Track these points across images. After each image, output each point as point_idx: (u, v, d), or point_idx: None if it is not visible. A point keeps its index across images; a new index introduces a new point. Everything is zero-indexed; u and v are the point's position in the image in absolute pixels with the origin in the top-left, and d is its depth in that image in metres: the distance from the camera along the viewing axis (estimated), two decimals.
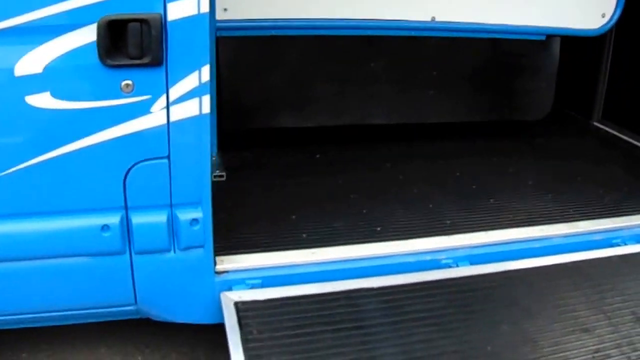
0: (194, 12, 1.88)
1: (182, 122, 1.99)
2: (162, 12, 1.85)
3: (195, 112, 1.99)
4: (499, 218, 2.80)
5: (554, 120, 4.22)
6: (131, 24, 1.84)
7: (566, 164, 3.50)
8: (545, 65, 3.81)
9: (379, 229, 2.61)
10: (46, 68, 1.84)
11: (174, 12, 1.87)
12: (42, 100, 1.86)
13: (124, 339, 2.72)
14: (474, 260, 2.51)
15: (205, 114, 2.00)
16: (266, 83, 3.38)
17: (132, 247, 2.11)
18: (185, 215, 2.12)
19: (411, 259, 2.45)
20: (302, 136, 3.52)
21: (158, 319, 2.33)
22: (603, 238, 2.74)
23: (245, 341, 1.99)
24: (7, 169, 1.93)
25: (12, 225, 2.00)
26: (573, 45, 3.99)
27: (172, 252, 2.16)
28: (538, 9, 3.53)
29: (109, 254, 2.10)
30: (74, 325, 2.39)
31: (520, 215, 2.83)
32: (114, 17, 1.82)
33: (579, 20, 3.64)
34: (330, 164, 3.28)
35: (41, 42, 1.81)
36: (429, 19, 3.34)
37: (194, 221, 2.13)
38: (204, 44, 1.92)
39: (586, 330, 2.19)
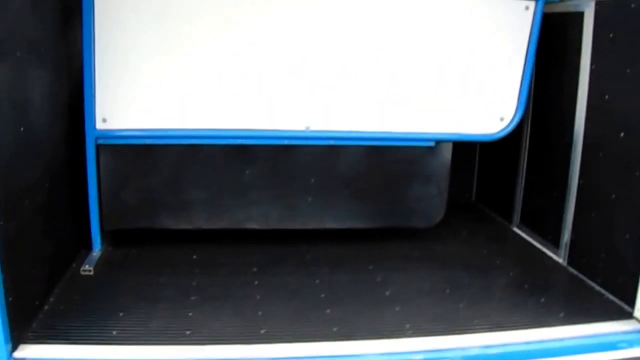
0: None
1: None
2: None
3: None
4: (313, 329, 2.91)
5: (468, 224, 4.41)
6: None
7: (450, 273, 3.62)
8: (435, 171, 4.00)
9: (188, 332, 2.83)
10: None
11: None
12: None
13: None
14: None
15: None
16: (146, 187, 3.78)
17: None
18: None
19: None
20: (184, 237, 3.89)
21: None
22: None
23: None
24: None
25: None
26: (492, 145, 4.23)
27: None
28: (426, 114, 3.81)
29: None
30: None
31: (345, 329, 2.91)
32: None
33: (474, 124, 3.89)
34: (198, 265, 3.60)
35: None
36: (303, 127, 3.70)
37: None
38: None
39: None
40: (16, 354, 2.60)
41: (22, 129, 2.77)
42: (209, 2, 3.50)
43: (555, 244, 3.96)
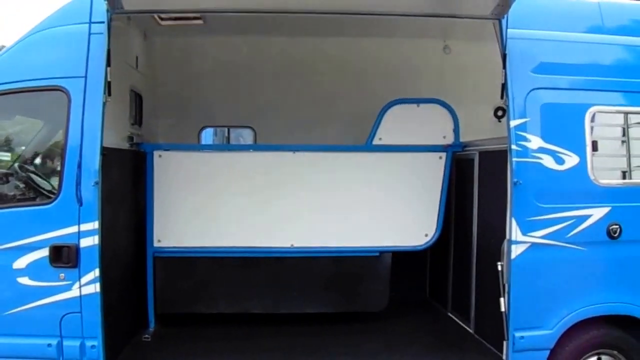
0: (92, 243, 4.84)
1: (87, 295, 4.84)
2: (77, 242, 4.86)
3: (93, 290, 4.83)
4: None
5: (413, 312, 6.69)
6: (63, 249, 4.85)
7: (382, 337, 5.97)
8: (380, 273, 6.33)
9: None
10: (29, 264, 4.85)
11: (83, 244, 4.86)
12: (24, 280, 4.86)
13: None
14: None
15: (97, 292, 4.83)
16: (186, 285, 6.23)
17: (62, 357, 4.89)
18: (89, 343, 4.86)
19: None
20: (211, 318, 6.27)
21: None
22: None
23: None
24: None
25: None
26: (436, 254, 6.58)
27: None
28: (372, 234, 6.20)
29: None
30: None
31: None
32: (55, 244, 4.83)
33: (406, 239, 6.27)
34: (219, 336, 5.94)
35: (24, 255, 4.86)
36: (289, 245, 6.14)
37: (93, 346, 4.86)
38: (95, 257, 4.84)
39: None
40: None
41: (114, 247, 5.31)
42: (228, 171, 6.16)
43: (468, 319, 6.18)
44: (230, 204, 6.15)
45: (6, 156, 6.47)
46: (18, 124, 6.36)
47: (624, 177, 5.47)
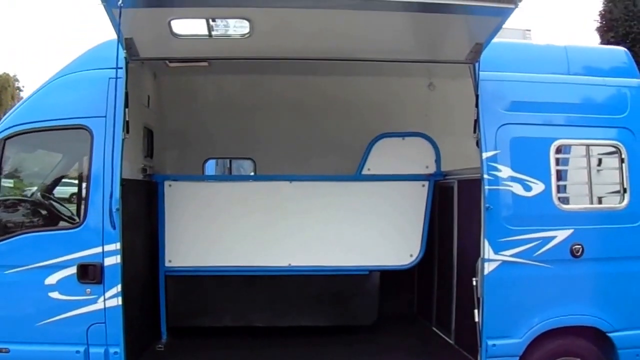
0: (114, 262, 5.65)
1: (111, 308, 5.64)
2: (101, 261, 5.68)
3: (116, 303, 5.64)
4: None
5: (400, 326, 7.54)
6: (89, 267, 5.67)
7: (366, 347, 6.76)
8: (369, 289, 7.14)
9: None
10: (59, 280, 5.66)
11: (107, 262, 5.67)
12: (55, 295, 5.68)
13: None
14: None
15: (119, 305, 5.63)
16: (194, 300, 7.03)
17: None
18: (112, 350, 5.65)
19: None
20: (217, 332, 7.07)
21: None
22: None
23: None
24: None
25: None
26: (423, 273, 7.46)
27: None
28: (362, 254, 7.01)
29: None
30: None
31: None
32: (82, 263, 5.65)
33: (393, 259, 7.08)
34: (224, 345, 6.74)
35: (54, 272, 5.69)
36: (286, 264, 6.95)
37: (116, 353, 5.64)
38: (118, 274, 5.65)
39: None
40: None
41: (133, 266, 6.10)
42: (231, 198, 7.02)
43: (449, 331, 6.98)
44: (233, 228, 6.98)
45: (9, 182, 6.98)
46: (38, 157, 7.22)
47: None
